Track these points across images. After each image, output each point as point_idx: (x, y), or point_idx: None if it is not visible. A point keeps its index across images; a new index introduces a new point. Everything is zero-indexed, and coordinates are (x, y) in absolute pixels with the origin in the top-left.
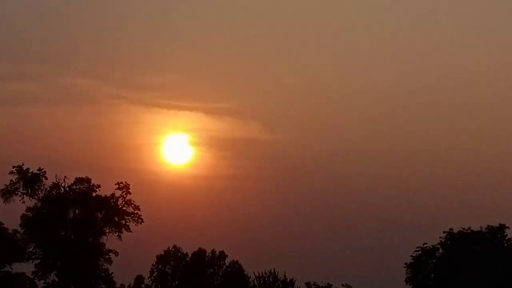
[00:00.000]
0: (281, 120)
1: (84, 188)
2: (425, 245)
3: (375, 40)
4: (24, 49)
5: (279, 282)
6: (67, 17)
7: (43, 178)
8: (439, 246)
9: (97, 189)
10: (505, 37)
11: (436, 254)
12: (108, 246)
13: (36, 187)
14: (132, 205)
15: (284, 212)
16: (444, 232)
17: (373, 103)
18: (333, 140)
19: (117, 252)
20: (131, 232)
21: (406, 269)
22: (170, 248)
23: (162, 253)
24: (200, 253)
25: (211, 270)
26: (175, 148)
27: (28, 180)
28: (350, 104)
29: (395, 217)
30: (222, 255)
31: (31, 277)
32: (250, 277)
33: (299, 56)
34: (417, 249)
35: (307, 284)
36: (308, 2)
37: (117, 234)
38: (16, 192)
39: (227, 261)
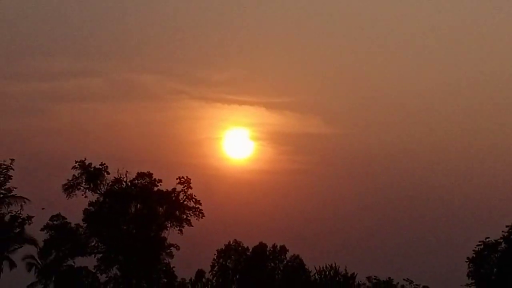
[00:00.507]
0: (342, 115)
1: (146, 183)
2: (487, 240)
3: (437, 35)
4: (88, 45)
5: (340, 277)
6: (131, 13)
7: (105, 173)
8: (501, 240)
9: (159, 184)
10: None
11: (499, 248)
12: (170, 240)
13: (98, 182)
14: (193, 200)
15: (345, 207)
16: (506, 226)
17: (437, 98)
18: (394, 134)
19: (179, 247)
20: (192, 226)
21: (468, 263)
22: (231, 243)
23: (223, 247)
24: (261, 248)
25: (272, 264)
26: (236, 142)
27: (91, 175)
28: (412, 98)
29: (457, 211)
30: (283, 249)
31: (94, 271)
32: (311, 271)
33: (361, 50)
34: (479, 243)
35: (368, 278)
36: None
37: (178, 228)
38: (79, 187)
39: (288, 256)
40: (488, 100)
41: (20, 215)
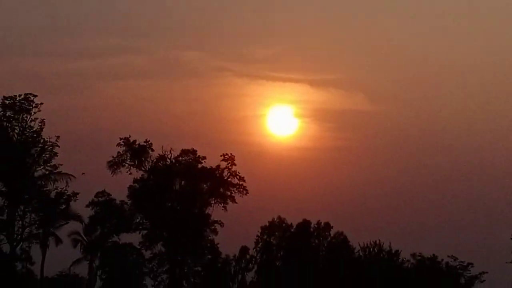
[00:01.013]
0: (386, 92)
1: (190, 160)
2: None
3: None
4: (132, 23)
5: (384, 253)
6: None
7: (150, 150)
8: None
9: (203, 161)
10: None
11: None
12: (214, 217)
13: (143, 158)
14: (237, 177)
15: (389, 184)
16: None
17: (483, 75)
18: (439, 112)
19: (223, 223)
20: (236, 203)
21: None
22: (275, 219)
23: (267, 224)
24: (305, 224)
25: (316, 241)
26: (280, 120)
27: (135, 152)
28: (458, 74)
29: (503, 188)
30: (327, 226)
31: (138, 247)
32: (355, 248)
33: (405, 28)
34: None
35: (413, 255)
36: None
37: (222, 205)
38: (123, 164)
39: (332, 232)
40: None
41: (66, 191)
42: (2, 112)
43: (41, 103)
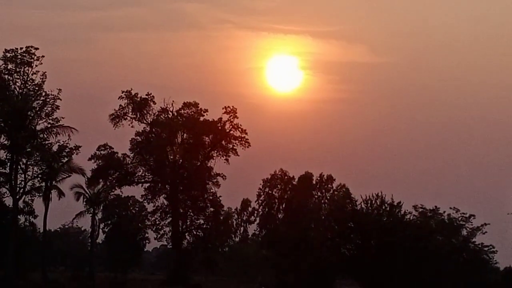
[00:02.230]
0: (388, 43)
1: (192, 113)
2: None
3: None
4: None
5: (386, 205)
6: None
7: (152, 103)
8: None
9: (205, 113)
10: None
11: None
12: (216, 170)
13: (145, 111)
14: (239, 129)
15: (391, 136)
16: None
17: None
18: (441, 63)
19: (225, 176)
20: (239, 156)
21: None
22: (277, 172)
23: (269, 176)
24: (307, 177)
25: (319, 193)
26: (282, 72)
27: (137, 104)
28: (461, 28)
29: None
30: (330, 178)
31: (141, 200)
32: (357, 200)
33: None
34: None
35: (414, 207)
36: None
37: (224, 158)
38: (125, 117)
39: (334, 185)
40: None
41: (68, 144)
42: (3, 65)
43: (43, 56)
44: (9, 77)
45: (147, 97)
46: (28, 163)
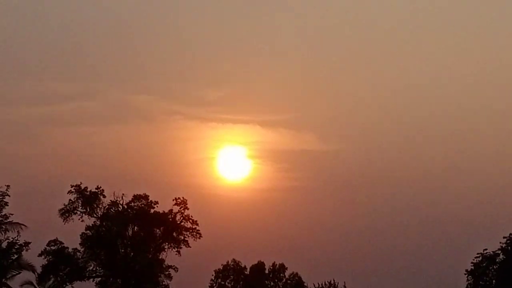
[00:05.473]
0: (335, 131)
1: (142, 205)
2: (485, 251)
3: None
4: (81, 67)
5: None
6: (124, 35)
7: (102, 196)
8: (499, 251)
9: (155, 206)
10: None
11: (497, 260)
12: (168, 262)
13: (95, 205)
14: (190, 220)
15: (343, 223)
16: (504, 237)
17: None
18: (388, 151)
19: (177, 268)
20: (190, 247)
21: (466, 276)
22: (229, 262)
23: (221, 267)
24: (259, 266)
25: (272, 283)
26: (232, 161)
27: (87, 199)
28: (406, 115)
29: (454, 223)
30: (282, 267)
31: None
32: None
33: (352, 68)
34: (477, 255)
35: None
36: (362, 16)
37: (176, 250)
38: (75, 211)
39: (287, 274)
40: (486, 111)
41: (17, 241)
42: None
43: None
44: None
45: (96, 190)
46: None
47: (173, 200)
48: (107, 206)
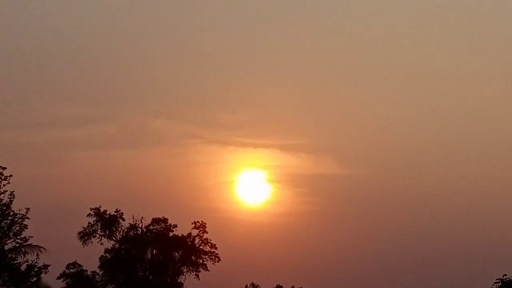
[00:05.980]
0: (355, 156)
1: (161, 228)
2: (505, 277)
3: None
4: (100, 91)
5: None
6: (144, 59)
7: (121, 220)
8: None
9: (174, 229)
10: None
11: None
12: (186, 285)
13: (114, 228)
14: (209, 244)
15: (362, 247)
16: None
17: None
18: (408, 176)
19: None
20: (209, 271)
21: None
22: (248, 286)
23: None
24: None
25: None
26: (252, 185)
27: (106, 222)
28: (426, 138)
29: (474, 249)
30: None
31: None
32: None
33: (372, 92)
34: (496, 281)
35: None
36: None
37: (194, 273)
38: (94, 234)
39: None
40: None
41: (36, 264)
42: None
43: (10, 175)
44: None
45: (116, 214)
46: None
47: (192, 223)
48: (126, 229)
